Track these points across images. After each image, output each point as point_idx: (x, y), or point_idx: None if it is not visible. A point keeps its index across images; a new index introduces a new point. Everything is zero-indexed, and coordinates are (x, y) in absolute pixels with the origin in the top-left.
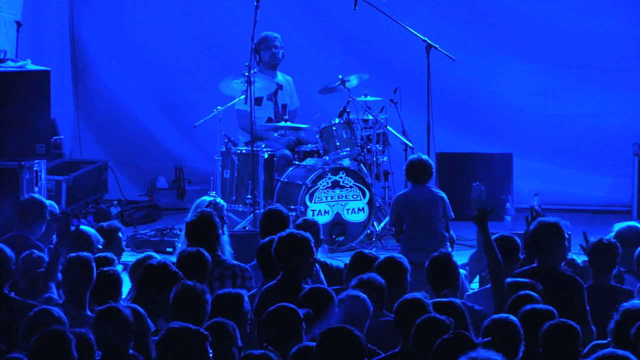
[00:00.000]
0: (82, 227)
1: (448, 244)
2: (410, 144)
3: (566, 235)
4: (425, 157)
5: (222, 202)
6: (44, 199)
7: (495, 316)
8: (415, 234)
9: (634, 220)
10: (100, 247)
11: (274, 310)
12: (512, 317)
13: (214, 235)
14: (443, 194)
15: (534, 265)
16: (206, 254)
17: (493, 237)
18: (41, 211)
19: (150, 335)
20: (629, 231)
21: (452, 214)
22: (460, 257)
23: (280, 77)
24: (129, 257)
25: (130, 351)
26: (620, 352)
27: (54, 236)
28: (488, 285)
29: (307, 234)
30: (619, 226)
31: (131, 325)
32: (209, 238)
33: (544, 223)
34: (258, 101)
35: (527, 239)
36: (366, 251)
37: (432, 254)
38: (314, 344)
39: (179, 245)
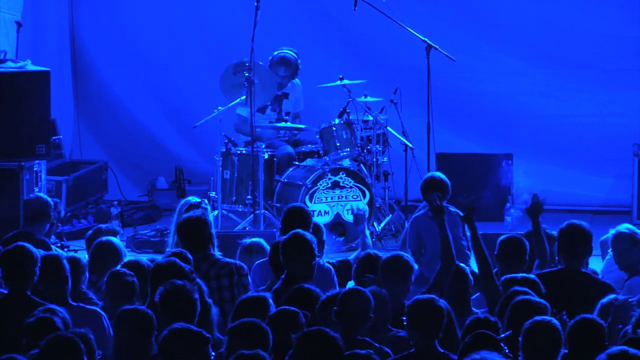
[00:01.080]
0: (108, 237)
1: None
2: (410, 145)
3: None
4: (441, 175)
5: (206, 205)
6: (49, 199)
7: (538, 318)
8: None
9: (630, 222)
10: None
11: (276, 314)
12: (554, 320)
13: (207, 234)
14: (459, 211)
15: (560, 267)
16: (181, 263)
17: (500, 238)
18: (47, 210)
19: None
20: (630, 233)
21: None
22: None
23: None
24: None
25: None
26: (632, 350)
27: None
28: None
29: (311, 236)
30: (614, 231)
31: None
32: (202, 237)
33: (577, 226)
34: (262, 110)
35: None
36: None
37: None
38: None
39: (168, 249)
